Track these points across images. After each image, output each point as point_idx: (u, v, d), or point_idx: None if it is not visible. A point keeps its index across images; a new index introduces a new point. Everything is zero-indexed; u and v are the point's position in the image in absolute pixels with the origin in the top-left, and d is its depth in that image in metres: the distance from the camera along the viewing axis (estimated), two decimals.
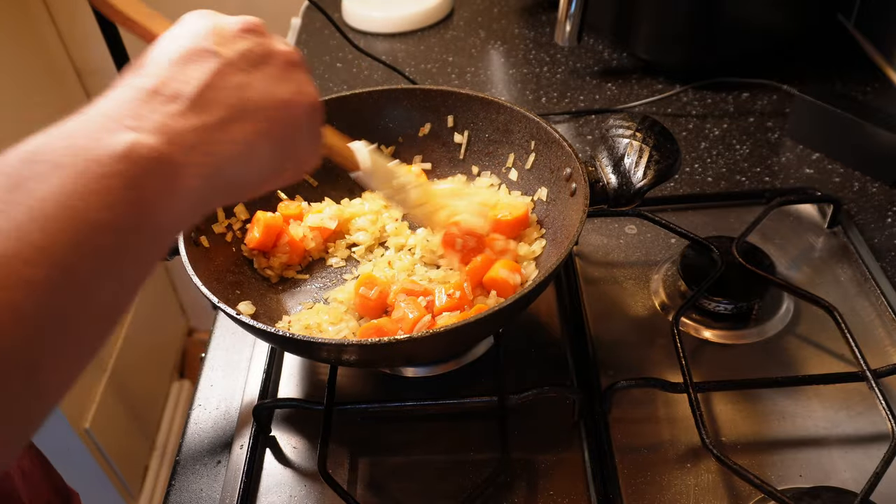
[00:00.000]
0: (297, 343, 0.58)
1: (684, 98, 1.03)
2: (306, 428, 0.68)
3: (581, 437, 0.64)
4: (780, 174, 0.89)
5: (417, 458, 0.64)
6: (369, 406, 0.66)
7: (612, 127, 0.67)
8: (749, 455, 0.62)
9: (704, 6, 0.99)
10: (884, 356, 0.68)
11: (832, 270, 0.77)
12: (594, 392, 0.65)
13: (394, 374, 0.70)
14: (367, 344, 0.56)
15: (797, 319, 0.72)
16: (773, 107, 1.00)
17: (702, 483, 0.60)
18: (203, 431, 0.68)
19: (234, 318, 0.58)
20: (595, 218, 0.85)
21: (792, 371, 0.68)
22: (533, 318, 0.75)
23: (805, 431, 0.63)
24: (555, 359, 0.71)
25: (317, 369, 0.72)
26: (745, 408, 0.65)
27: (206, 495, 0.63)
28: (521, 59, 1.14)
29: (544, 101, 1.05)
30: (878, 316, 0.72)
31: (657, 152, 0.64)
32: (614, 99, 1.04)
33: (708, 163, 0.92)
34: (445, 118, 0.79)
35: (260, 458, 0.65)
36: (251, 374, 0.71)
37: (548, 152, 0.73)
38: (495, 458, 0.59)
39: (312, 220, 0.74)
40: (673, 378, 0.64)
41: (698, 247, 0.76)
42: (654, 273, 0.78)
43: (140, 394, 1.86)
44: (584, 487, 0.61)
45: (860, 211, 0.83)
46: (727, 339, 0.71)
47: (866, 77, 1.02)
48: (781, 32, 1.05)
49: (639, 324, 0.74)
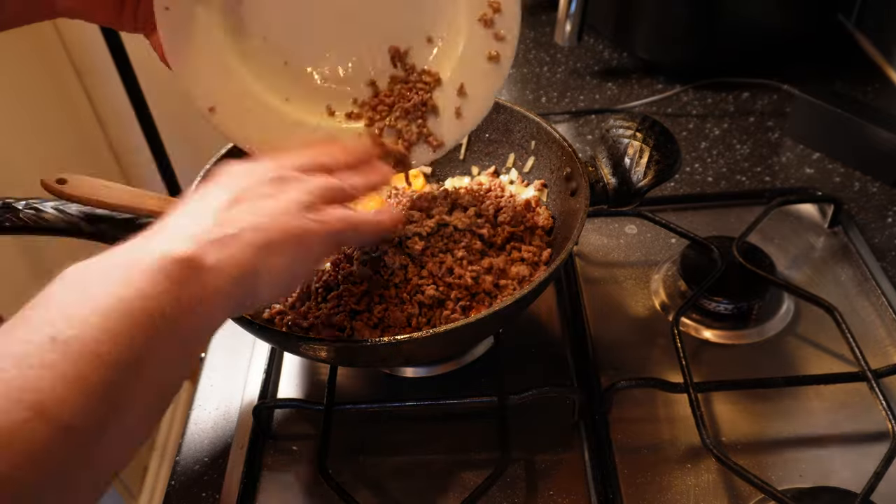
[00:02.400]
0: (296, 343, 0.58)
1: (684, 98, 1.03)
2: (306, 428, 0.68)
3: (581, 437, 0.64)
4: (781, 174, 0.89)
5: (417, 458, 0.64)
6: (369, 406, 0.66)
7: (612, 127, 0.67)
8: (749, 455, 0.62)
9: (704, 6, 0.99)
10: (884, 356, 0.68)
11: (832, 270, 0.77)
12: (594, 392, 0.65)
13: (394, 374, 0.70)
14: (366, 344, 0.56)
15: (797, 319, 0.72)
16: (774, 107, 1.00)
17: (702, 483, 0.60)
18: (203, 432, 0.68)
19: (234, 318, 0.58)
20: (595, 218, 0.85)
21: (792, 371, 0.68)
22: (533, 318, 0.75)
23: (805, 431, 0.63)
24: (555, 359, 0.71)
25: (317, 369, 0.72)
26: (745, 408, 0.65)
27: (205, 495, 0.63)
28: (521, 59, 1.14)
29: (544, 100, 1.05)
30: (879, 316, 0.72)
31: (657, 152, 0.64)
32: (614, 99, 1.04)
33: (708, 163, 0.92)
34: None
35: (260, 458, 0.65)
36: (251, 375, 0.71)
37: (548, 152, 0.73)
38: (495, 458, 0.59)
39: None
40: (673, 378, 0.64)
41: (698, 247, 0.76)
42: (654, 273, 0.78)
43: None
44: (584, 487, 0.61)
45: (861, 211, 0.83)
46: (727, 339, 0.71)
47: (866, 77, 1.02)
48: (781, 32, 1.05)
49: (639, 324, 0.74)
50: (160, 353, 0.37)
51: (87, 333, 0.34)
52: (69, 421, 0.32)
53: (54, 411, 0.31)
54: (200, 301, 0.40)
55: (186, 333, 0.39)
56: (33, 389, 0.31)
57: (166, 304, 0.37)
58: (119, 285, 0.36)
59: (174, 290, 0.38)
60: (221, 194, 0.47)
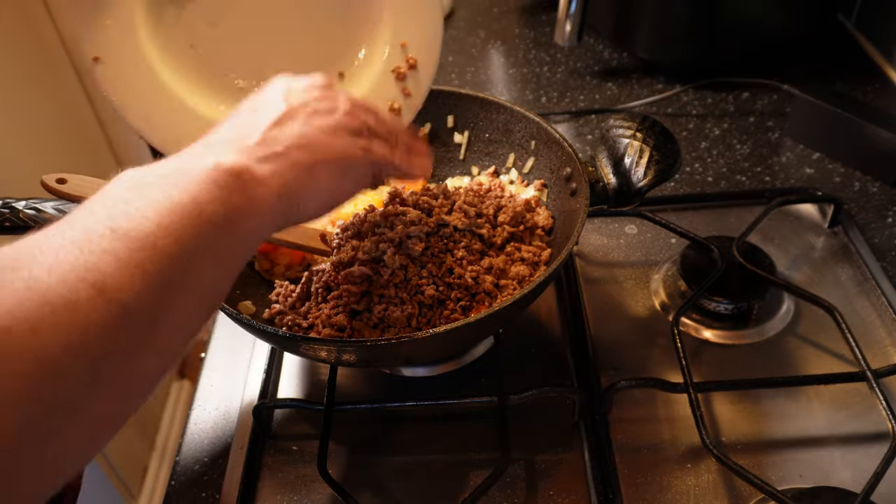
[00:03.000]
0: (296, 343, 0.58)
1: (684, 98, 1.03)
2: (306, 428, 0.68)
3: (581, 437, 0.64)
4: (781, 174, 0.89)
5: (417, 458, 0.64)
6: (369, 406, 0.66)
7: (612, 127, 0.67)
8: (749, 455, 0.62)
9: (704, 6, 0.99)
10: (884, 356, 0.68)
11: (832, 270, 0.77)
12: (594, 392, 0.65)
13: (394, 374, 0.70)
14: (366, 344, 0.56)
15: (797, 319, 0.72)
16: (774, 107, 1.00)
17: (702, 483, 0.60)
18: (203, 432, 0.68)
19: (234, 318, 0.58)
20: (595, 218, 0.85)
21: (792, 371, 0.68)
22: (533, 318, 0.75)
23: (805, 431, 0.63)
24: (555, 359, 0.71)
25: (317, 369, 0.72)
26: (746, 408, 0.65)
27: (205, 495, 0.63)
28: (521, 59, 1.14)
29: (544, 100, 1.05)
30: (879, 316, 0.72)
31: (657, 152, 0.64)
32: (614, 99, 1.04)
33: (708, 163, 0.92)
34: (445, 118, 0.79)
35: (260, 458, 0.65)
36: (251, 375, 0.71)
37: (548, 152, 0.73)
38: (495, 458, 0.59)
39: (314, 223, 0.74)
40: (673, 378, 0.64)
41: (698, 247, 0.76)
42: (654, 273, 0.78)
43: None
44: (584, 487, 0.61)
45: (861, 211, 0.83)
46: (727, 339, 0.71)
47: (866, 77, 1.02)
48: (781, 32, 1.05)
49: (639, 324, 0.74)
50: (211, 255, 0.39)
51: (144, 227, 0.36)
52: (127, 302, 0.33)
53: (114, 291, 0.33)
54: (247, 211, 0.42)
55: (235, 239, 0.41)
56: (95, 269, 0.33)
57: (217, 209, 0.39)
58: (173, 188, 0.38)
59: (223, 196, 0.40)
60: (274, 106, 0.48)
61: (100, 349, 0.32)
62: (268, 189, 0.43)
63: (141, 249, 0.35)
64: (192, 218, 0.38)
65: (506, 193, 0.72)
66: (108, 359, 0.33)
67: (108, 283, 0.33)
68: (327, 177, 0.48)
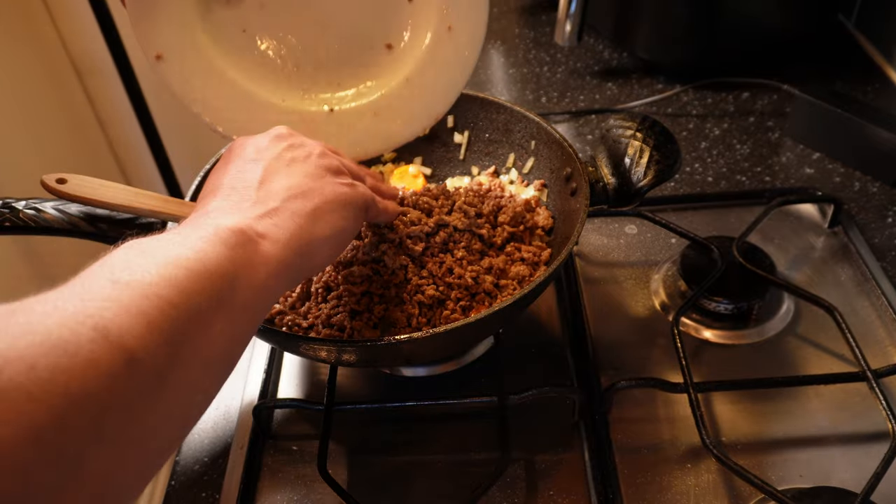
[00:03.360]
0: (296, 343, 0.58)
1: (684, 98, 1.03)
2: (306, 428, 0.68)
3: (581, 437, 0.64)
4: (781, 174, 0.89)
5: (417, 458, 0.64)
6: (369, 406, 0.66)
7: (612, 127, 0.67)
8: (749, 455, 0.62)
9: (704, 6, 0.99)
10: (884, 356, 0.68)
11: (832, 270, 0.77)
12: (594, 392, 0.65)
13: (394, 374, 0.70)
14: (366, 344, 0.56)
15: (797, 319, 0.72)
16: (774, 107, 1.00)
17: (702, 483, 0.60)
18: (203, 432, 0.68)
19: None
20: (595, 218, 0.85)
21: (792, 371, 0.68)
22: (533, 318, 0.75)
23: (805, 431, 0.63)
24: (555, 359, 0.71)
25: (317, 369, 0.72)
26: (746, 408, 0.65)
27: (205, 495, 0.63)
28: (521, 59, 1.15)
29: (544, 100, 1.05)
30: (879, 316, 0.72)
31: (657, 152, 0.64)
32: (614, 99, 1.04)
33: (708, 163, 0.92)
34: (445, 118, 0.79)
35: (260, 458, 0.65)
36: (251, 374, 0.71)
37: (548, 152, 0.73)
38: (495, 458, 0.59)
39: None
40: (673, 378, 0.64)
41: (698, 247, 0.76)
42: (654, 273, 0.78)
43: None
44: (584, 487, 0.61)
45: (861, 211, 0.83)
46: (727, 339, 0.71)
47: (866, 77, 1.02)
48: (781, 32, 1.05)
49: (639, 324, 0.74)
50: (219, 310, 0.37)
51: (146, 278, 0.34)
52: (132, 349, 0.31)
53: (117, 336, 0.31)
54: (255, 264, 0.41)
55: (244, 295, 0.40)
56: (97, 315, 0.31)
57: (222, 263, 0.39)
58: (177, 246, 0.38)
59: (229, 252, 0.39)
60: (251, 170, 0.48)
61: (104, 399, 0.30)
62: (274, 243, 0.43)
63: (144, 297, 0.33)
64: (197, 272, 0.37)
65: (506, 193, 0.72)
66: (113, 412, 0.30)
67: (111, 328, 0.31)
68: (328, 219, 0.48)
